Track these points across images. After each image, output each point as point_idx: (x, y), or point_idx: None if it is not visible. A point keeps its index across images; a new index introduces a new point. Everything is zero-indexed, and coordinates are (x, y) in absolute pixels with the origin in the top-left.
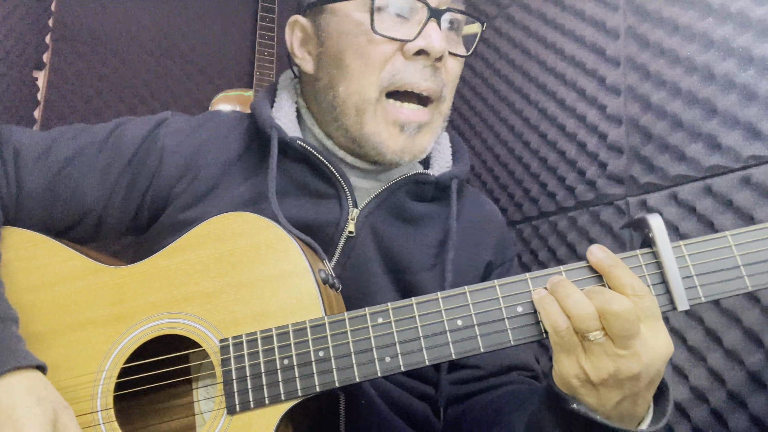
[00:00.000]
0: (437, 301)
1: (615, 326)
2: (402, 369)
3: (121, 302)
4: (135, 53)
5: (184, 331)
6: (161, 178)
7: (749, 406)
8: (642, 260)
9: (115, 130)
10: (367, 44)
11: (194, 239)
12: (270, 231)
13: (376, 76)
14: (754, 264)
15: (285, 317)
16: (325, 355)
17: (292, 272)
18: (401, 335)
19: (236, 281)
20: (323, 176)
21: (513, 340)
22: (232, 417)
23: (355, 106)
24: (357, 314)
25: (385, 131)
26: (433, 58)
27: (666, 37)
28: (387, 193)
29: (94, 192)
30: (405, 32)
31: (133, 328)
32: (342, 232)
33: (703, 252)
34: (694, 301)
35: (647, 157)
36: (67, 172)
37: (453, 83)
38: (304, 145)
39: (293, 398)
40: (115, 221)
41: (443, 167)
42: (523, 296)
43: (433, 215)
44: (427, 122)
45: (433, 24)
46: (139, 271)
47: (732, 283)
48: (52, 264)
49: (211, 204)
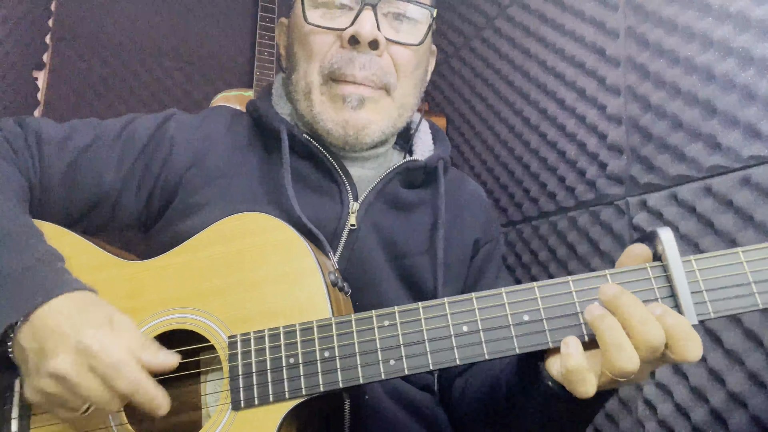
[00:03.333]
0: (443, 306)
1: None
2: (406, 372)
3: (136, 296)
4: (135, 53)
5: (193, 326)
6: (172, 166)
7: (749, 406)
8: (651, 273)
9: (129, 123)
10: (308, 35)
11: (208, 238)
12: (282, 231)
13: (318, 64)
14: (765, 282)
15: (293, 317)
16: (331, 354)
17: (302, 273)
18: (406, 338)
19: (247, 280)
20: (325, 171)
21: (518, 348)
22: (236, 413)
23: (303, 90)
24: (363, 316)
25: (330, 108)
26: (364, 44)
27: (666, 37)
28: (382, 184)
29: (110, 178)
30: (343, 22)
31: (145, 321)
32: (345, 226)
33: (713, 267)
34: (703, 317)
35: (647, 157)
36: (85, 159)
37: (404, 71)
38: (309, 139)
39: (297, 397)
40: (130, 207)
41: (426, 152)
42: (529, 303)
43: (424, 200)
44: (369, 97)
45: (368, 12)
46: (154, 267)
47: (742, 300)
48: (75, 256)
49: (219, 190)
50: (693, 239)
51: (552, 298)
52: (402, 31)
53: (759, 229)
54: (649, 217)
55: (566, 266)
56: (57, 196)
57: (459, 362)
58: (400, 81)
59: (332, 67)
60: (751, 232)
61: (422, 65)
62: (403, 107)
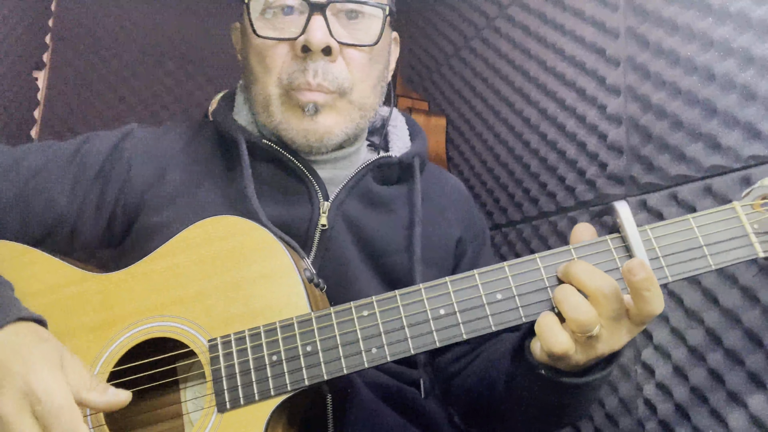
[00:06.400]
0: (419, 292)
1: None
2: (388, 359)
3: (110, 308)
4: (135, 53)
5: (172, 334)
6: (131, 187)
7: (749, 406)
8: (612, 244)
9: (83, 145)
10: (261, 48)
11: (179, 243)
12: (254, 232)
13: (275, 77)
14: (716, 244)
15: (272, 316)
16: (313, 349)
17: (278, 272)
18: (386, 326)
19: (223, 283)
20: (291, 173)
21: (494, 325)
22: (222, 414)
23: (262, 104)
24: (342, 308)
25: (291, 117)
26: (317, 52)
27: (666, 37)
28: (354, 181)
29: (63, 202)
30: (293, 29)
31: (122, 332)
32: (316, 226)
33: (667, 234)
34: (663, 281)
35: (647, 157)
36: (37, 182)
37: (359, 73)
38: (270, 144)
39: (283, 393)
40: (89, 232)
41: (402, 149)
42: (501, 283)
43: (400, 196)
44: (324, 103)
45: (317, 18)
46: (126, 277)
47: (696, 263)
48: (39, 273)
49: (183, 206)
50: None
51: (522, 276)
52: (356, 29)
53: None
54: (649, 217)
55: None
56: (12, 220)
57: (438, 344)
58: (356, 83)
59: (290, 78)
60: None
61: (380, 62)
62: (362, 108)
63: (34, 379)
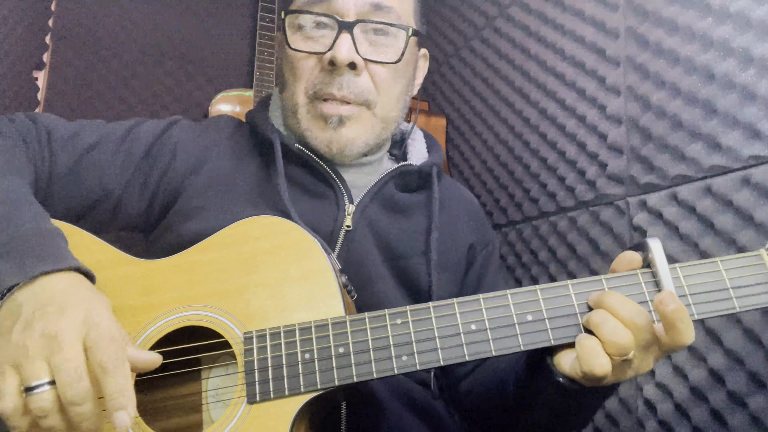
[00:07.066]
0: (453, 305)
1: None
2: (418, 367)
3: (150, 293)
4: (135, 53)
5: (207, 323)
6: (174, 171)
7: (749, 406)
8: (642, 278)
9: (134, 127)
10: (292, 59)
11: (222, 239)
12: (295, 233)
13: (303, 86)
14: (742, 288)
15: (307, 315)
16: (345, 351)
17: (315, 273)
18: (418, 335)
19: (261, 280)
20: (320, 176)
21: (523, 345)
22: (251, 405)
23: (291, 109)
24: (377, 314)
25: (315, 126)
26: (342, 67)
27: (666, 37)
28: (377, 187)
29: (113, 179)
30: (324, 44)
31: (159, 317)
32: (341, 227)
33: (696, 274)
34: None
35: (647, 157)
36: (91, 156)
37: (383, 88)
38: (302, 149)
39: (312, 391)
40: (131, 209)
41: (421, 159)
42: (533, 305)
43: (419, 203)
44: (349, 116)
45: (345, 35)
46: (169, 265)
47: (722, 304)
48: (88, 253)
49: (220, 194)
50: (693, 239)
51: (553, 300)
52: (382, 45)
53: (759, 229)
54: (649, 217)
55: (566, 266)
56: (61, 190)
57: (468, 358)
58: (381, 97)
59: (316, 88)
60: (751, 232)
61: (404, 77)
62: (385, 120)
63: (96, 313)
